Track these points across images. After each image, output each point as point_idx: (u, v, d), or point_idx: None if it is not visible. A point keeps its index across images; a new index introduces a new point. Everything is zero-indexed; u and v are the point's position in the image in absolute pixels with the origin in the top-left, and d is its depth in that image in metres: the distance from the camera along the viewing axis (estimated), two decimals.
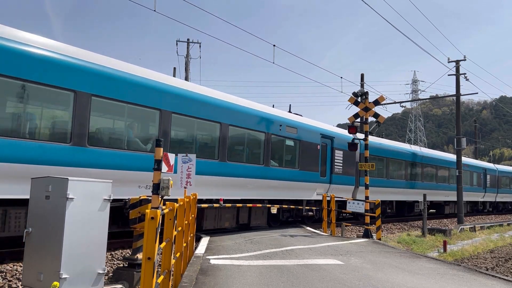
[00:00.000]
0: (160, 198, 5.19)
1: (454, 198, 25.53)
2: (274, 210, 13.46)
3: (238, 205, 11.82)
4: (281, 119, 14.20)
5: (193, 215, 8.03)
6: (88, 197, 5.74)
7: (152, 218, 4.02)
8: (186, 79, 32.50)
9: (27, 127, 7.82)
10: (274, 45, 16.38)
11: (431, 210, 26.61)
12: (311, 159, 15.34)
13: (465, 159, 28.53)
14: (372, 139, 21.29)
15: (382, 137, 23.73)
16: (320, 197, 15.20)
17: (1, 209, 7.41)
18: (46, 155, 7.86)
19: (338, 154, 17.03)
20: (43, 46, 7.99)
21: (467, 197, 27.03)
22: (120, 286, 6.59)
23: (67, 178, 5.57)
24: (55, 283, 4.37)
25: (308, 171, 15.09)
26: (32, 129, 7.95)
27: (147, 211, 4.08)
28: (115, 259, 9.12)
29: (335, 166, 16.72)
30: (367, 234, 12.87)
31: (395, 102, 28.39)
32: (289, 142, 14.39)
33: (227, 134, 11.84)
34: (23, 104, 7.72)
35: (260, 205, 12.78)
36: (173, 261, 5.36)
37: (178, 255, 6.10)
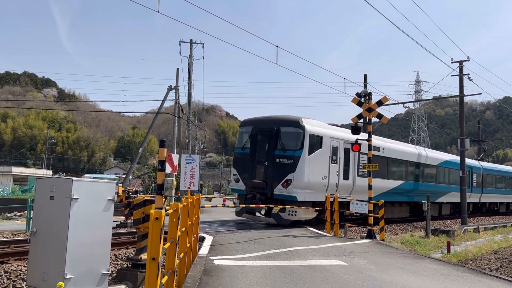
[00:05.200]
0: (164, 199, 5.21)
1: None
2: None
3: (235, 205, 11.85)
4: None
5: (196, 216, 8.04)
6: (93, 198, 5.76)
7: (157, 218, 4.03)
8: (189, 80, 32.53)
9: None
10: (277, 46, 16.40)
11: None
12: None
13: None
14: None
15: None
16: None
17: None
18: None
19: None
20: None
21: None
22: (124, 286, 6.61)
23: (71, 179, 5.59)
24: (60, 283, 4.39)
25: None
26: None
27: (152, 211, 4.09)
28: (118, 259, 9.15)
29: None
30: (370, 235, 12.84)
31: (398, 103, 28.28)
32: None
33: None
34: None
35: (263, 205, 12.79)
36: (177, 261, 5.37)
37: (182, 255, 6.10)
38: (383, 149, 19.51)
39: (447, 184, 24.98)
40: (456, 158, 26.91)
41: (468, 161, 28.62)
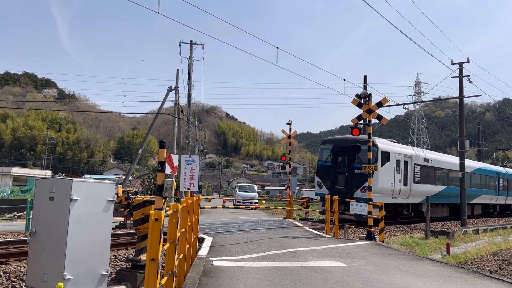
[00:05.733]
0: (163, 200, 5.20)
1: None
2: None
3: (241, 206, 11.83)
4: None
5: (196, 216, 8.04)
6: (92, 198, 5.75)
7: (156, 219, 4.02)
8: (189, 80, 32.53)
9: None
10: (277, 47, 16.40)
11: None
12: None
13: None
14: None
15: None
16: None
17: None
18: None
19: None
20: None
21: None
22: (123, 287, 6.60)
23: (71, 179, 5.59)
24: (60, 284, 4.38)
25: None
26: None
27: (151, 212, 4.08)
28: (118, 260, 9.14)
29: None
30: (370, 236, 12.83)
31: (398, 104, 28.19)
32: None
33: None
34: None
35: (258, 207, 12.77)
36: (176, 262, 5.36)
37: (181, 256, 6.10)
38: (431, 160, 23.25)
39: (478, 188, 28.66)
40: (485, 165, 32.32)
41: (495, 167, 33.86)
